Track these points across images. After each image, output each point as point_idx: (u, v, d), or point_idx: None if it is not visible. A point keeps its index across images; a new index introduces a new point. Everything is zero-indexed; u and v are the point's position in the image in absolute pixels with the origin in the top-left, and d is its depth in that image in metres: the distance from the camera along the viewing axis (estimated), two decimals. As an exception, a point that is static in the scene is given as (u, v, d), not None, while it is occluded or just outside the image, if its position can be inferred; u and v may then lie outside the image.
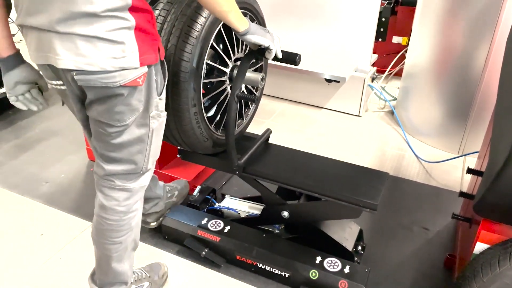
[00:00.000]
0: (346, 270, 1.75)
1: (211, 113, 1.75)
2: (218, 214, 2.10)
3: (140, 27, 1.17)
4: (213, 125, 1.77)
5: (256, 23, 1.84)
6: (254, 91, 1.96)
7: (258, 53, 1.54)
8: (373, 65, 3.44)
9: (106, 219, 1.44)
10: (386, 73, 3.66)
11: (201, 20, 1.51)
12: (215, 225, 1.97)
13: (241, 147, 1.85)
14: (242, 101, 1.93)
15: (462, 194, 1.79)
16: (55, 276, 1.89)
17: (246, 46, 1.79)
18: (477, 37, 2.47)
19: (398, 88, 3.30)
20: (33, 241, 2.08)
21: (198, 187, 2.19)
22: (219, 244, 1.91)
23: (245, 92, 1.77)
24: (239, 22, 1.35)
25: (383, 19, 3.36)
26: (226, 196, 2.19)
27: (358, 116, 3.31)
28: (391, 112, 3.32)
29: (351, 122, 3.25)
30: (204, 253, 1.93)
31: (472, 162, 2.70)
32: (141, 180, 1.44)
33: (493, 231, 1.40)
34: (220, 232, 1.94)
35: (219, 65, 1.68)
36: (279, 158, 1.92)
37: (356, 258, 1.87)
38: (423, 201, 2.38)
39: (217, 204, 2.13)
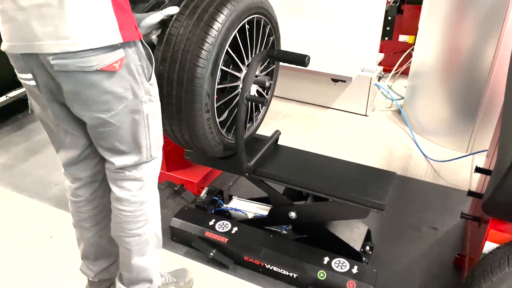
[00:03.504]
0: (354, 270, 1.75)
1: (223, 117, 1.75)
2: (225, 215, 2.11)
3: (116, 2, 1.16)
4: (224, 130, 1.76)
5: (270, 27, 1.83)
6: (264, 94, 1.96)
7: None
8: (380, 64, 3.43)
9: (121, 211, 1.44)
10: (392, 72, 3.64)
11: (217, 26, 1.50)
12: (223, 226, 1.98)
13: (250, 149, 1.85)
14: (253, 104, 1.93)
15: (470, 193, 1.78)
16: (65, 278, 1.91)
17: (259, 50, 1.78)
18: (484, 35, 2.45)
19: (405, 87, 3.28)
20: (42, 243, 2.10)
21: (206, 188, 2.19)
22: (226, 245, 1.92)
23: (256, 95, 1.76)
24: None
25: (389, 18, 3.35)
26: (233, 197, 2.19)
27: (365, 115, 3.30)
28: (398, 111, 3.31)
29: (358, 121, 3.24)
30: (212, 254, 1.94)
31: (480, 161, 2.67)
32: (150, 168, 1.43)
33: (502, 230, 1.39)
34: (227, 233, 1.94)
35: (232, 70, 1.67)
36: (287, 159, 1.92)
37: (364, 259, 1.87)
38: (432, 201, 2.37)
39: (224, 205, 2.14)
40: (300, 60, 1.59)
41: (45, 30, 1.12)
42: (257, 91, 1.89)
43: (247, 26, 1.66)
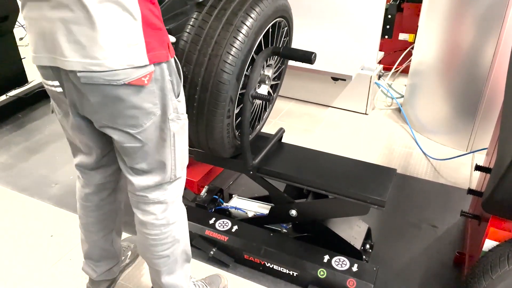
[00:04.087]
0: (354, 268, 1.75)
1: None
2: (225, 213, 2.11)
3: (147, 21, 1.12)
4: (238, 132, 1.74)
5: (287, 29, 1.80)
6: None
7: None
8: (380, 62, 3.43)
9: (147, 235, 1.41)
10: (392, 70, 3.64)
11: (246, 30, 1.45)
12: (223, 224, 1.98)
13: (255, 147, 1.84)
14: (262, 103, 1.90)
15: (470, 191, 1.78)
16: (65, 277, 1.91)
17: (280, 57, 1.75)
18: (484, 33, 2.45)
19: (405, 85, 3.28)
20: (43, 242, 2.10)
21: (206, 187, 2.20)
22: (227, 243, 1.92)
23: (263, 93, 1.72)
24: None
25: (389, 16, 3.34)
26: (233, 196, 2.19)
27: (365, 114, 3.30)
28: (398, 110, 3.30)
29: (358, 120, 3.24)
30: (212, 252, 1.94)
31: (480, 159, 2.68)
32: (173, 189, 1.39)
33: (502, 228, 1.39)
34: (228, 232, 1.95)
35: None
36: (290, 157, 1.92)
37: (364, 257, 1.87)
38: (432, 199, 2.37)
39: (224, 204, 2.14)
40: (306, 57, 1.56)
41: (71, 47, 1.09)
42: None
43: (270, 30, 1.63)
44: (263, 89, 1.80)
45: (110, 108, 1.18)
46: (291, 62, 3.18)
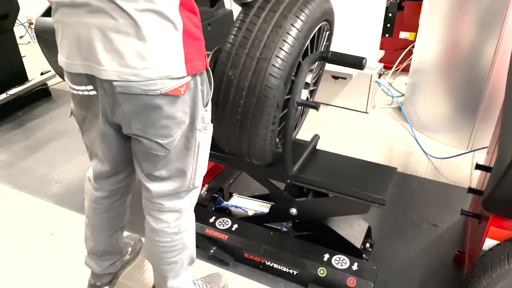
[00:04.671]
0: (354, 267, 1.75)
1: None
2: (225, 212, 2.11)
3: (187, 30, 1.09)
4: (278, 139, 1.68)
5: (328, 34, 1.74)
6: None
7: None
8: (380, 61, 3.42)
9: (158, 242, 1.40)
10: (393, 69, 3.64)
11: (296, 33, 1.40)
12: (223, 223, 1.98)
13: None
14: (302, 109, 1.85)
15: (471, 190, 1.78)
16: (66, 276, 1.91)
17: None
18: (485, 31, 2.45)
19: (406, 84, 3.28)
20: (43, 240, 2.10)
21: (206, 185, 2.19)
22: (227, 242, 1.92)
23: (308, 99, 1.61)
24: None
25: (390, 15, 3.34)
26: (233, 194, 2.19)
27: (365, 112, 3.30)
28: (399, 108, 3.30)
29: (358, 118, 3.23)
30: (212, 251, 1.94)
31: (481, 158, 2.67)
32: (189, 198, 1.38)
33: (503, 227, 1.39)
34: (228, 230, 1.95)
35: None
36: (322, 164, 1.86)
37: (364, 255, 1.87)
38: (432, 198, 2.37)
39: (224, 203, 2.14)
40: (357, 62, 1.47)
41: (109, 55, 1.06)
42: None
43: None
44: (303, 95, 1.74)
45: (144, 117, 1.16)
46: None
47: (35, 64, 3.88)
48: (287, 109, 1.54)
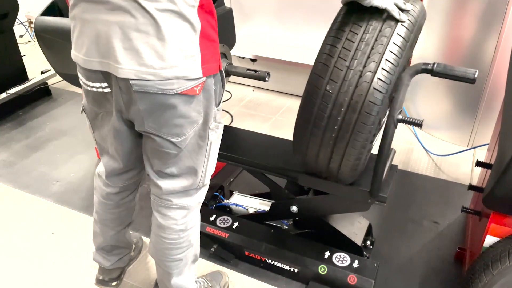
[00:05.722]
0: (355, 264, 1.75)
1: None
2: (226, 210, 2.11)
3: (204, 32, 1.10)
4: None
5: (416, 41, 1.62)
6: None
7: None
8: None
9: (164, 238, 1.41)
10: (393, 66, 3.63)
11: (402, 43, 1.29)
12: (224, 221, 1.98)
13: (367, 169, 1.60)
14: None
15: (471, 187, 1.78)
16: (67, 274, 1.92)
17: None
18: (485, 29, 2.44)
19: (406, 81, 3.27)
20: (44, 239, 2.11)
21: (206, 184, 2.19)
22: (227, 240, 1.92)
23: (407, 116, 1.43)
24: None
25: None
26: (234, 192, 2.19)
27: (366, 110, 3.28)
28: (399, 106, 3.29)
29: (359, 116, 3.22)
30: (213, 249, 1.94)
31: (482, 155, 2.67)
32: (198, 196, 1.39)
33: (503, 224, 1.39)
34: (228, 229, 1.95)
35: None
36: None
37: (365, 253, 1.87)
38: (433, 195, 2.37)
39: (225, 201, 2.14)
40: (467, 76, 1.30)
41: (127, 53, 1.06)
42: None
43: None
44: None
45: (158, 116, 1.16)
46: (291, 57, 3.18)
47: (35, 63, 3.88)
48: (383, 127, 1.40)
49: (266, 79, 1.73)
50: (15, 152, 2.83)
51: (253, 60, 3.34)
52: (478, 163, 1.78)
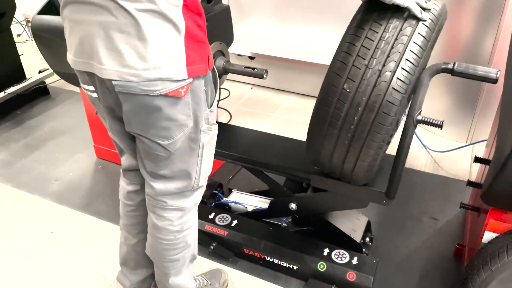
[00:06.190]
0: (354, 261, 1.75)
1: None
2: (225, 208, 2.11)
3: (190, 33, 1.08)
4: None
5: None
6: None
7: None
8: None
9: (160, 239, 1.40)
10: (392, 63, 3.62)
11: (423, 42, 1.26)
12: (223, 219, 1.98)
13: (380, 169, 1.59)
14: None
15: (470, 183, 1.78)
16: (66, 273, 1.92)
17: None
18: (483, 24, 2.44)
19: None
20: (43, 238, 2.11)
21: (205, 182, 2.19)
22: (227, 238, 1.92)
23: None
24: None
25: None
26: (233, 190, 2.19)
27: (365, 107, 3.28)
28: (398, 102, 3.29)
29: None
30: (212, 247, 1.94)
31: (481, 151, 2.67)
32: (193, 197, 1.38)
33: (502, 220, 1.39)
34: (227, 226, 1.95)
35: None
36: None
37: (364, 250, 1.87)
38: (431, 191, 2.37)
39: (224, 199, 2.14)
40: (489, 77, 1.30)
41: (109, 54, 1.05)
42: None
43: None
44: None
45: (144, 118, 1.15)
46: (290, 55, 3.18)
47: (32, 62, 3.87)
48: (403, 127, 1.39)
49: (264, 76, 1.73)
50: (13, 152, 2.82)
51: (251, 58, 3.34)
52: (477, 159, 1.78)
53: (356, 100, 1.30)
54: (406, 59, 1.26)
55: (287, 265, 1.83)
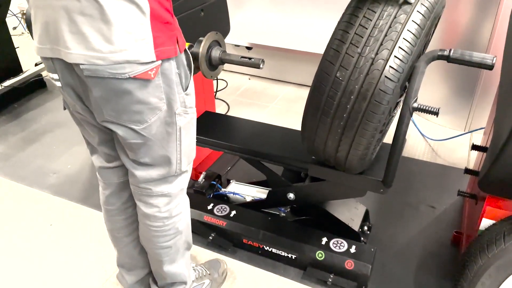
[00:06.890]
0: (352, 250, 1.76)
1: None
2: (223, 199, 2.12)
3: (155, 14, 1.07)
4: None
5: (434, 30, 1.58)
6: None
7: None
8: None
9: (150, 226, 1.40)
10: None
11: (418, 31, 1.25)
12: (221, 210, 1.99)
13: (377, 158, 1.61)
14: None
15: (467, 171, 1.78)
16: (65, 266, 1.92)
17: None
18: (481, 12, 2.42)
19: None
20: (42, 231, 2.11)
21: (203, 173, 2.20)
22: (225, 228, 1.93)
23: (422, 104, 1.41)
24: None
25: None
26: (231, 181, 2.20)
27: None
28: (396, 91, 3.29)
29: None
30: (211, 238, 1.95)
31: (478, 139, 2.67)
32: (177, 182, 1.37)
33: (499, 207, 1.40)
34: (226, 217, 1.95)
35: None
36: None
37: (362, 238, 1.88)
38: (429, 180, 2.37)
39: (222, 189, 2.14)
40: (485, 63, 1.31)
41: (74, 38, 1.04)
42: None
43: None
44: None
45: (114, 102, 1.13)
46: (287, 45, 3.16)
47: (29, 55, 3.85)
48: (399, 116, 1.38)
49: (261, 66, 1.72)
50: (11, 145, 2.82)
51: (248, 48, 3.32)
52: (474, 147, 1.78)
53: (349, 89, 1.30)
54: (399, 47, 1.24)
55: (286, 255, 1.84)
